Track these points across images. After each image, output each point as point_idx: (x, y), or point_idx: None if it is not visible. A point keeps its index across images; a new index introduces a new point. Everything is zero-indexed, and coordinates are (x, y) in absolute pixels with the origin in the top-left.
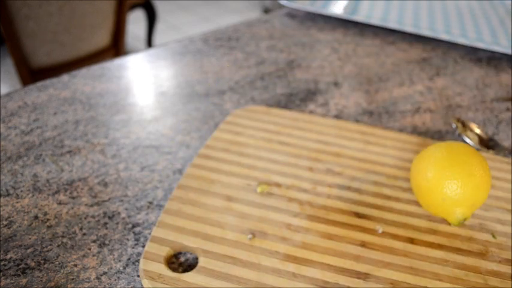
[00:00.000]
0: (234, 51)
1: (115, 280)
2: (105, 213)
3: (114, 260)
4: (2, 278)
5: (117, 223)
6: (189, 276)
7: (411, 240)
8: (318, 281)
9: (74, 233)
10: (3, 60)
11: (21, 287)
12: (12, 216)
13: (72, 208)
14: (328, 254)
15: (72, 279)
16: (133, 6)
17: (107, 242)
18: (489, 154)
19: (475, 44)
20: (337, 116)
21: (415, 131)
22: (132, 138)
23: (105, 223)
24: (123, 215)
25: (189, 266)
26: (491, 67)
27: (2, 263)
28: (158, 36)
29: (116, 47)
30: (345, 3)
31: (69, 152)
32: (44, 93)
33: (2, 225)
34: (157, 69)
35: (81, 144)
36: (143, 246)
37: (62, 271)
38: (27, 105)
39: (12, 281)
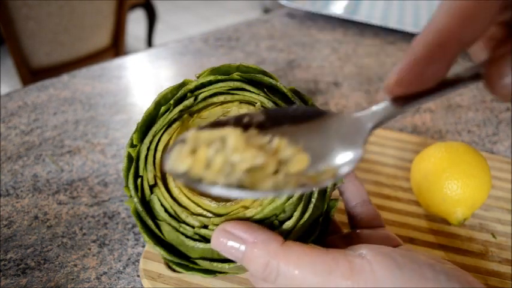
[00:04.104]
0: (234, 51)
1: (115, 280)
2: (105, 213)
3: (114, 260)
4: (2, 278)
5: (117, 223)
6: (189, 276)
7: (411, 240)
8: None
9: (74, 233)
10: (3, 60)
11: (21, 287)
12: (12, 216)
13: (72, 208)
14: None
15: (72, 279)
16: (134, 6)
17: (107, 242)
18: (489, 154)
19: None
20: None
21: (415, 131)
22: None
23: (105, 223)
24: (123, 215)
25: None
26: None
27: (2, 263)
28: (158, 36)
29: (116, 47)
30: (345, 3)
31: (69, 152)
32: (44, 93)
33: (2, 225)
34: (157, 69)
35: (81, 144)
36: (143, 246)
37: (62, 271)
38: (27, 105)
39: (12, 281)
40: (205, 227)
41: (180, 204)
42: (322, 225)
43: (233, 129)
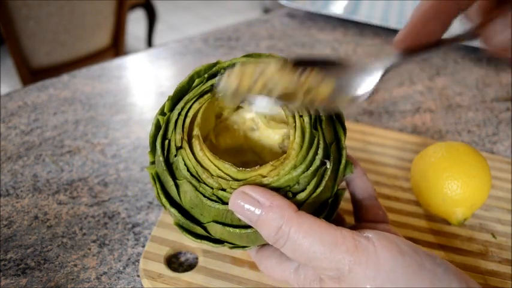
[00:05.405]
0: (234, 51)
1: (115, 280)
2: (105, 213)
3: (114, 260)
4: (2, 278)
5: (117, 223)
6: (189, 276)
7: (411, 240)
8: None
9: (74, 233)
10: (3, 60)
11: (21, 287)
12: (12, 216)
13: (72, 208)
14: None
15: (72, 279)
16: (134, 6)
17: (107, 242)
18: (489, 154)
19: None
20: None
21: (415, 131)
22: (132, 138)
23: (105, 223)
24: (123, 215)
25: (189, 265)
26: (491, 67)
27: (2, 263)
28: (158, 36)
29: (116, 47)
30: (345, 3)
31: (69, 152)
32: (44, 93)
33: (2, 225)
34: (157, 69)
35: (81, 144)
36: (143, 246)
37: (62, 271)
38: (27, 105)
39: (12, 281)
40: (223, 189)
41: (202, 166)
42: (330, 207)
43: (274, 62)
